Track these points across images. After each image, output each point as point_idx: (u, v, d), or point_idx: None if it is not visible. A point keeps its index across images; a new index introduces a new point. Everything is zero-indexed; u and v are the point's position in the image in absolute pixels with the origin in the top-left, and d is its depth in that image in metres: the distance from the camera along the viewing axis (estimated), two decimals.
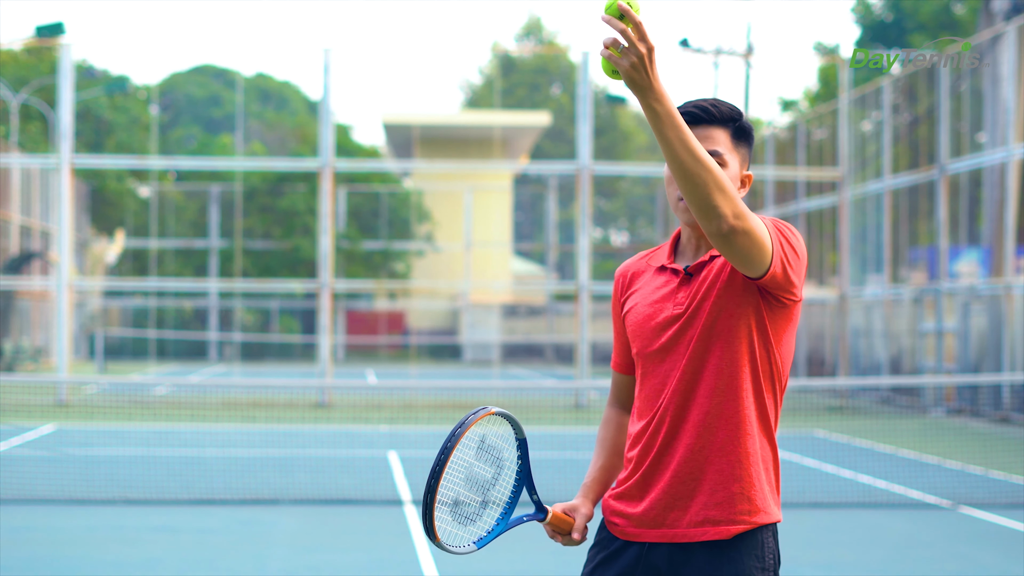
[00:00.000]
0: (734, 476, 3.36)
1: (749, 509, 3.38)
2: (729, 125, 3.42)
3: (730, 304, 3.36)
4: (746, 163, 3.47)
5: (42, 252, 38.74)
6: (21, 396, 21.53)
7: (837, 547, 9.99)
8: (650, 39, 3.03)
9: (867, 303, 28.65)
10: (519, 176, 56.05)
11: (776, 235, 3.28)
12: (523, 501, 3.60)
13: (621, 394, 3.69)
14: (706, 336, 3.37)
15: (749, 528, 3.38)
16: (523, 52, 70.06)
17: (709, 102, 3.41)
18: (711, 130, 3.40)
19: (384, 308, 50.08)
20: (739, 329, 3.36)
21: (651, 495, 3.42)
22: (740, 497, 3.37)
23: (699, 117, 3.39)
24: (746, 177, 3.47)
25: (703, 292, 3.39)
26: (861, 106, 30.35)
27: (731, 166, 3.41)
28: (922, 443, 17.67)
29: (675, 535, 3.40)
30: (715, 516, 3.37)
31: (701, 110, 3.39)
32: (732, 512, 3.37)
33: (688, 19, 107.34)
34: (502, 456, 3.55)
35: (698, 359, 3.38)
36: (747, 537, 3.38)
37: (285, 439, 17.63)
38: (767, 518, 3.41)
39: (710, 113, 3.39)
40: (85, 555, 9.29)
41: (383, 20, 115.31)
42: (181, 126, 60.94)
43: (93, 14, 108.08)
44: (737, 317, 3.36)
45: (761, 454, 3.41)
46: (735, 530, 3.37)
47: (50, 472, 13.59)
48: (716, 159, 3.38)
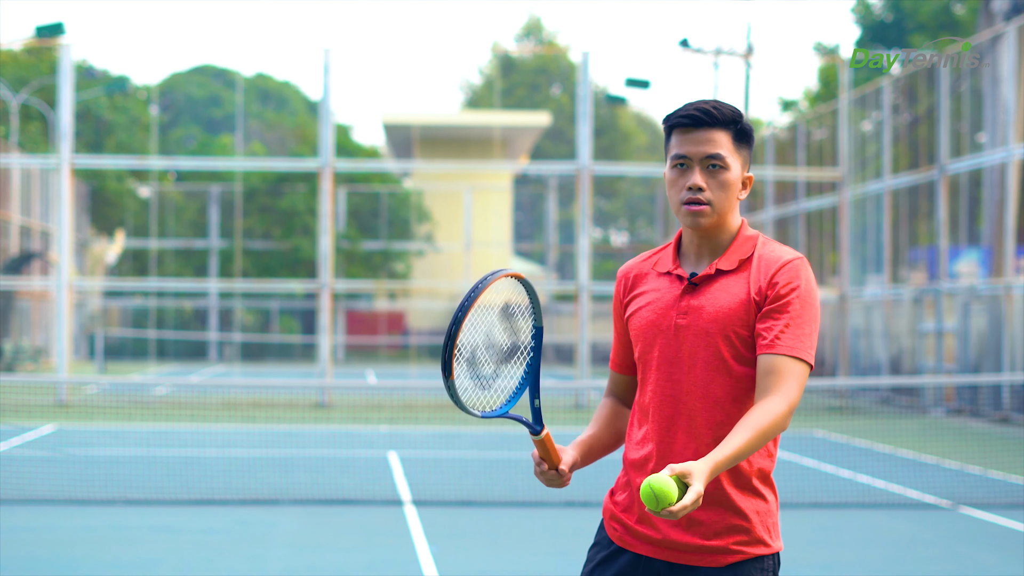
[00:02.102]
0: (732, 507, 3.36)
1: (746, 540, 3.38)
2: (730, 127, 3.41)
3: (734, 322, 3.36)
4: (747, 165, 3.46)
5: (42, 252, 38.73)
6: (21, 396, 21.53)
7: (836, 547, 9.99)
8: (693, 496, 3.06)
9: (867, 303, 28.66)
10: (519, 176, 56.04)
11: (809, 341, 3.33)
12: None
13: (618, 389, 3.67)
14: (709, 348, 3.36)
15: (745, 559, 3.38)
16: (523, 52, 70.04)
17: (710, 104, 3.39)
18: (713, 133, 3.39)
19: (384, 308, 50.09)
20: (741, 345, 3.36)
21: (647, 513, 3.40)
22: (738, 528, 3.36)
23: (701, 120, 3.38)
24: (747, 179, 3.46)
25: (707, 304, 3.38)
26: (861, 106, 30.35)
27: (733, 169, 3.40)
28: (921, 443, 17.67)
29: (671, 556, 3.40)
30: (715, 545, 3.36)
31: (703, 113, 3.38)
32: (729, 542, 3.36)
33: (688, 19, 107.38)
34: (519, 335, 3.51)
35: (700, 370, 3.37)
36: (748, 564, 3.38)
37: (285, 439, 17.64)
38: (764, 549, 3.40)
39: (712, 116, 3.38)
40: (85, 555, 9.29)
41: (383, 20, 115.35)
42: (181, 126, 60.93)
43: (93, 14, 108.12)
44: (739, 335, 3.36)
45: (762, 481, 3.41)
46: (734, 559, 3.37)
47: (50, 472, 13.59)
48: (718, 161, 3.38)
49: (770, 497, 3.42)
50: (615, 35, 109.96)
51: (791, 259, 3.37)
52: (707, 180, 3.38)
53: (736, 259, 3.41)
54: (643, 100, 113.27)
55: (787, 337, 3.29)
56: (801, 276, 3.35)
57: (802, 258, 3.40)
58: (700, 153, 3.38)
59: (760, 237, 3.47)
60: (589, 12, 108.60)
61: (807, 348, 3.31)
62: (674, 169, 3.43)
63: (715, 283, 3.41)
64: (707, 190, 3.38)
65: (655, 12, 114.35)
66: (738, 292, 3.37)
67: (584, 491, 11.19)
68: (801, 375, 3.29)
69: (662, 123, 3.49)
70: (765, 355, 3.30)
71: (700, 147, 3.38)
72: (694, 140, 3.39)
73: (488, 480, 13.48)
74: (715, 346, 3.35)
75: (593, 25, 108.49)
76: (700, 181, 3.37)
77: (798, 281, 3.34)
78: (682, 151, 3.39)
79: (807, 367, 3.31)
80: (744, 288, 3.37)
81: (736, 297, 3.37)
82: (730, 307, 3.36)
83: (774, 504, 3.43)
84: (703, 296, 3.39)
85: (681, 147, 3.40)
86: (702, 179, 3.37)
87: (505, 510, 11.59)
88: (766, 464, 3.40)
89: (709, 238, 3.44)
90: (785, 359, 3.28)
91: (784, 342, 3.29)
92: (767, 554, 3.41)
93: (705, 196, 3.38)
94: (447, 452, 16.65)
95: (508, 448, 17.16)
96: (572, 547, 9.38)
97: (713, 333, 3.36)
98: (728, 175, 3.39)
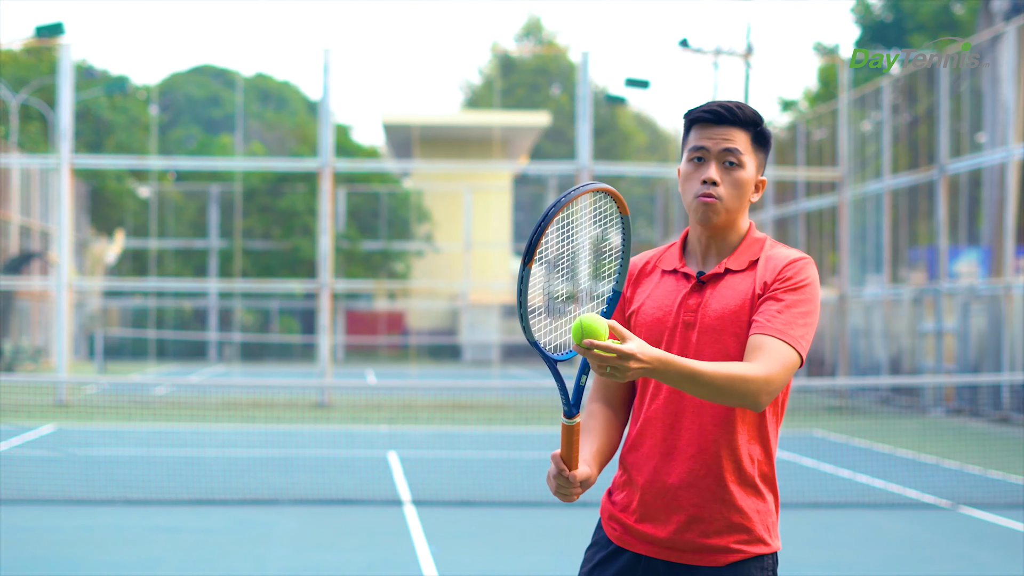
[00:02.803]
0: (732, 505, 3.37)
1: (747, 539, 3.39)
2: (750, 128, 3.45)
3: (741, 319, 3.37)
4: (762, 168, 3.49)
5: (42, 252, 38.74)
6: (21, 396, 21.53)
7: (836, 547, 10.00)
8: (626, 346, 2.99)
9: (867, 303, 28.66)
10: (519, 176, 56.04)
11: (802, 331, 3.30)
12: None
13: (607, 390, 3.56)
14: (716, 345, 3.37)
15: (745, 558, 3.39)
16: (523, 52, 70.06)
17: (734, 104, 3.44)
18: (733, 131, 3.43)
19: (384, 308, 50.09)
20: (739, 341, 3.37)
21: (649, 511, 3.41)
22: (739, 527, 3.38)
23: (723, 117, 3.42)
24: (760, 182, 3.49)
25: (714, 302, 3.39)
26: (861, 106, 30.35)
27: (748, 168, 3.43)
28: (921, 443, 17.68)
29: (671, 555, 3.40)
30: (715, 544, 3.37)
31: (726, 110, 3.43)
32: (729, 540, 3.37)
33: (688, 19, 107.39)
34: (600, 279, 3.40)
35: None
36: (748, 564, 3.39)
37: (285, 439, 17.64)
38: (764, 548, 3.42)
39: (734, 114, 3.43)
40: (85, 555, 9.30)
41: (383, 20, 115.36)
42: (181, 126, 60.92)
43: (93, 14, 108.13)
44: (740, 330, 3.37)
45: (764, 481, 3.42)
46: (734, 558, 3.38)
47: (50, 472, 13.60)
48: (735, 157, 3.41)
49: (770, 497, 3.43)
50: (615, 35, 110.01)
51: (798, 258, 3.41)
52: (722, 176, 3.41)
53: (746, 259, 3.43)
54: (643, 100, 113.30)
55: (779, 321, 3.30)
56: (805, 272, 3.39)
57: (809, 258, 3.44)
58: (718, 147, 3.41)
59: (768, 239, 3.51)
60: (589, 12, 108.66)
61: (799, 337, 3.29)
62: (690, 163, 3.45)
63: (723, 281, 3.42)
64: (721, 185, 3.40)
65: (655, 12, 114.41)
66: (745, 290, 3.39)
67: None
68: (787, 358, 3.25)
69: (683, 117, 3.52)
70: (755, 335, 3.30)
71: (719, 142, 3.41)
72: (713, 135, 3.42)
73: (488, 480, 13.49)
74: (723, 344, 3.36)
75: (593, 25, 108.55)
76: (715, 175, 3.40)
77: (801, 276, 3.38)
78: (701, 143, 3.43)
79: (796, 356, 3.28)
80: (751, 286, 3.40)
81: (743, 295, 3.39)
82: (737, 305, 3.38)
83: (774, 505, 3.45)
84: (711, 294, 3.41)
85: (700, 140, 3.43)
86: (717, 174, 3.41)
87: (505, 510, 11.60)
88: (767, 466, 3.42)
89: (718, 237, 3.46)
90: (773, 339, 3.27)
91: (775, 324, 3.29)
92: (767, 553, 3.42)
93: (718, 191, 3.40)
94: (447, 452, 16.65)
95: (508, 448, 17.17)
96: (572, 547, 9.39)
97: (721, 331, 3.37)
98: (743, 174, 3.42)
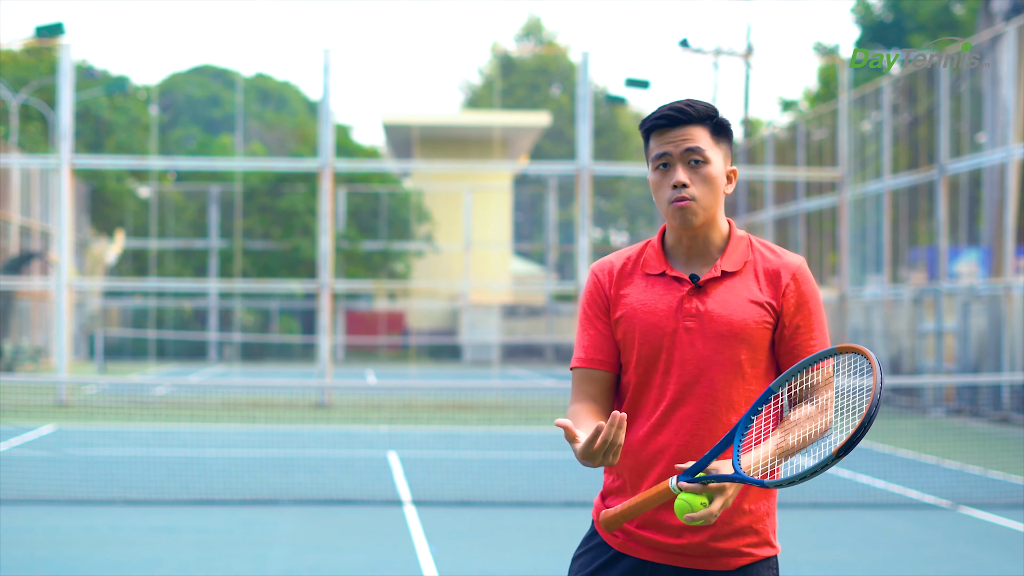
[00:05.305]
0: (741, 509, 3.36)
1: (756, 542, 3.39)
2: (707, 123, 3.41)
3: (750, 325, 3.36)
4: (729, 159, 3.46)
5: (42, 252, 38.73)
6: (21, 396, 21.51)
7: (836, 547, 9.99)
8: (716, 506, 3.11)
9: (867, 303, 28.66)
10: (519, 176, 56.04)
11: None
12: None
13: (594, 388, 3.45)
14: (724, 352, 3.35)
15: (754, 561, 3.39)
16: (523, 52, 70.06)
17: (683, 103, 3.40)
18: (690, 129, 3.39)
19: (384, 308, 50.09)
20: (758, 350, 3.38)
21: (654, 517, 3.37)
22: (748, 530, 3.37)
23: (677, 119, 3.39)
24: (731, 172, 3.46)
25: (716, 308, 3.37)
26: (861, 106, 30.35)
27: (714, 162, 3.40)
28: (921, 443, 17.68)
29: (680, 561, 3.38)
30: (726, 547, 3.36)
31: (678, 112, 3.39)
32: (739, 544, 3.37)
33: (688, 19, 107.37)
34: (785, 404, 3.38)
35: (715, 374, 3.35)
36: (757, 566, 3.39)
37: (285, 439, 17.64)
38: (771, 551, 3.43)
39: (687, 114, 3.39)
40: (85, 555, 9.30)
41: (383, 20, 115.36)
42: (181, 126, 60.91)
43: (93, 14, 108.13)
44: (756, 340, 3.37)
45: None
46: (744, 561, 3.38)
47: (50, 472, 13.60)
48: (699, 155, 3.38)
49: (772, 498, 3.44)
50: (615, 35, 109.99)
51: (799, 264, 3.42)
52: (690, 176, 3.38)
53: (739, 260, 3.41)
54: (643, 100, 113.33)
55: (818, 343, 3.43)
56: (812, 281, 3.45)
57: (803, 259, 3.46)
58: (679, 149, 3.38)
59: (749, 236, 3.49)
60: (589, 12, 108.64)
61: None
62: (657, 171, 3.42)
63: (720, 285, 3.39)
64: (691, 186, 3.37)
65: (655, 12, 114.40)
66: (747, 295, 3.37)
67: (584, 491, 11.20)
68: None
69: (639, 128, 3.49)
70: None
71: (679, 144, 3.38)
72: (672, 138, 3.39)
73: (488, 480, 13.48)
74: (732, 350, 3.34)
75: (593, 25, 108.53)
76: (683, 177, 3.37)
77: (810, 285, 3.43)
78: (662, 149, 3.40)
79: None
80: (752, 291, 3.38)
81: (745, 300, 3.37)
82: (743, 311, 3.36)
83: (774, 505, 3.46)
84: (710, 299, 3.37)
85: (661, 146, 3.40)
86: (685, 175, 3.37)
87: (505, 510, 11.60)
88: None
89: (700, 238, 3.43)
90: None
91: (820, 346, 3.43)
92: (773, 555, 3.44)
93: (689, 192, 3.37)
94: (447, 452, 16.65)
95: (508, 448, 17.17)
96: (572, 547, 9.36)
97: (729, 337, 3.34)
98: (710, 169, 3.39)
